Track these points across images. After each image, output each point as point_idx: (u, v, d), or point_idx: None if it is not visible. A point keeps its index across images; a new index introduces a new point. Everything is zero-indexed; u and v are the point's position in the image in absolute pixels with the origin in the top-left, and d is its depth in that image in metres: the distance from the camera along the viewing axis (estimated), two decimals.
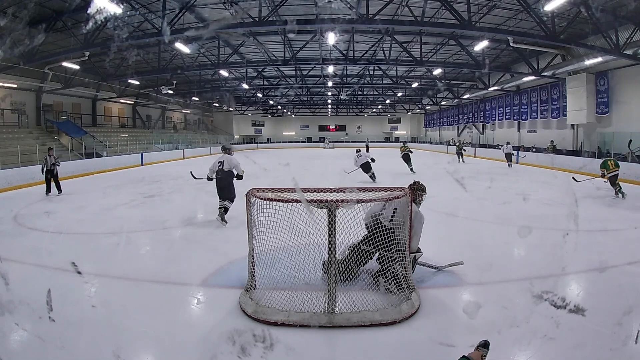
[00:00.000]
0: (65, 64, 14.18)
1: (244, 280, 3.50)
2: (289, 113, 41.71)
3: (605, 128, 15.01)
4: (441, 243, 4.92)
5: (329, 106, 38.14)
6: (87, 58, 13.37)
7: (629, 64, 13.05)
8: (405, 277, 3.27)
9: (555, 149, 17.11)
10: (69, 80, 17.44)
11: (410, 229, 3.49)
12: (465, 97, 25.95)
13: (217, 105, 34.73)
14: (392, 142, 39.48)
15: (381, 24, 11.23)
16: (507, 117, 23.30)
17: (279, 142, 41.68)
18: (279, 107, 37.28)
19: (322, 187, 3.58)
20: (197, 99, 27.43)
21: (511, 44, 13.14)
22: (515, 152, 17.97)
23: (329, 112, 41.63)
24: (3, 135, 14.86)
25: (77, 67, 14.79)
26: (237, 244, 4.64)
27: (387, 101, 33.10)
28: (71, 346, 2.61)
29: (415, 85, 22.34)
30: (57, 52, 13.10)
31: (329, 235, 2.98)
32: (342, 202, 3.00)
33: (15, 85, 16.42)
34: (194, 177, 7.34)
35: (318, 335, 2.77)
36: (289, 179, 11.20)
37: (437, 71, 19.72)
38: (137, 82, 19.46)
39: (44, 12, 11.13)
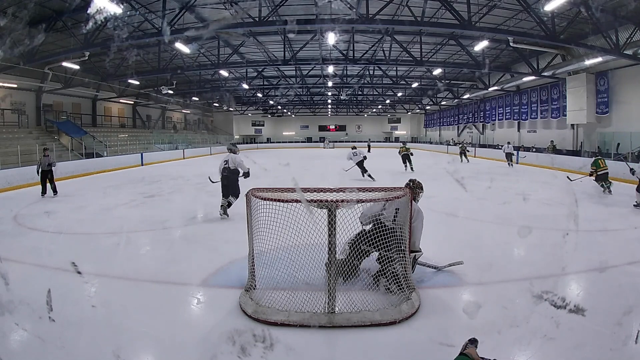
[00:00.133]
0: (65, 64, 14.17)
1: (244, 280, 3.50)
2: (289, 113, 41.70)
3: (605, 128, 15.01)
4: (441, 243, 4.92)
5: (329, 106, 38.12)
6: (87, 58, 13.37)
7: (629, 64, 13.05)
8: (405, 277, 3.27)
9: (555, 149, 17.12)
10: (69, 80, 17.44)
11: (411, 228, 3.49)
12: (465, 97, 25.95)
13: (217, 105, 34.71)
14: (392, 142, 39.48)
15: (381, 24, 11.23)
16: (507, 117, 23.30)
17: (279, 142, 41.69)
18: (279, 107, 37.27)
19: (322, 187, 3.58)
20: (197, 99, 27.42)
21: (511, 44, 13.14)
22: (516, 152, 17.99)
23: (329, 112, 41.62)
24: (3, 135, 14.86)
25: (77, 67, 14.79)
26: (237, 244, 4.64)
27: (387, 101, 33.10)
28: (71, 346, 2.61)
29: (415, 85, 22.34)
30: (57, 52, 13.10)
31: (329, 235, 2.98)
32: (342, 202, 3.00)
33: (15, 85, 16.43)
34: (212, 182, 7.33)
35: (318, 335, 2.77)
36: (289, 179, 11.19)
37: (437, 71, 19.72)
38: (137, 82, 19.45)
39: (44, 12, 11.13)
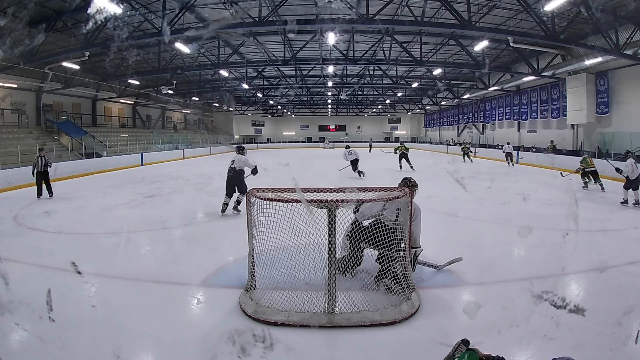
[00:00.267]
0: (65, 64, 14.18)
1: (244, 280, 3.50)
2: (289, 113, 41.69)
3: (605, 128, 15.01)
4: (441, 243, 4.92)
5: (329, 106, 38.13)
6: (87, 58, 13.38)
7: (629, 64, 13.05)
8: (405, 277, 3.28)
9: (555, 149, 17.12)
10: (69, 80, 17.45)
11: (411, 226, 3.49)
12: (465, 97, 25.95)
13: (217, 105, 34.71)
14: (392, 142, 39.48)
15: (381, 24, 11.23)
16: (507, 117, 23.30)
17: (279, 142, 41.68)
18: (279, 107, 37.27)
19: (322, 187, 3.58)
20: (197, 99, 27.43)
21: (511, 44, 13.14)
22: (515, 152, 18.03)
23: (329, 112, 41.62)
24: (3, 135, 14.86)
25: (77, 67, 14.80)
26: (237, 244, 4.64)
27: (387, 101, 33.10)
28: (71, 346, 2.61)
29: (415, 85, 22.35)
30: (57, 52, 13.11)
31: (329, 235, 2.98)
32: (342, 202, 3.00)
33: (15, 85, 16.43)
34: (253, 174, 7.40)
35: (318, 335, 2.77)
36: (289, 179, 11.19)
37: (437, 71, 19.72)
38: (137, 82, 19.46)
39: (44, 12, 11.13)
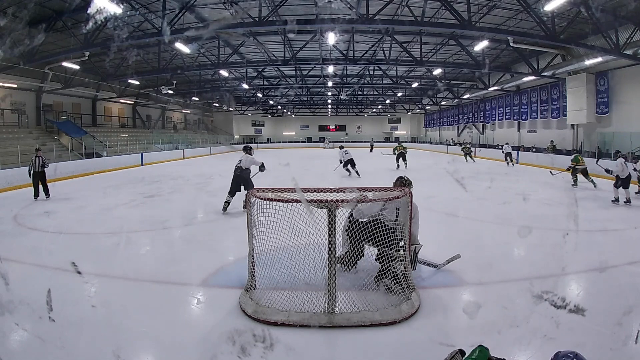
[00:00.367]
0: (65, 64, 14.18)
1: (244, 280, 3.49)
2: (289, 113, 41.69)
3: (605, 128, 15.01)
4: (441, 243, 4.92)
5: (329, 106, 38.11)
6: (87, 58, 13.37)
7: (629, 64, 13.05)
8: (405, 277, 3.28)
9: (555, 149, 17.12)
10: (69, 80, 17.44)
11: (411, 225, 3.48)
12: (465, 97, 25.95)
13: (217, 105, 34.71)
14: (391, 142, 39.48)
15: (381, 24, 11.23)
16: (507, 117, 23.30)
17: (279, 142, 41.67)
18: (279, 107, 37.26)
19: (322, 187, 3.58)
20: (197, 99, 27.42)
21: (511, 44, 13.14)
22: (515, 151, 18.08)
23: (329, 112, 41.60)
24: (3, 135, 14.85)
25: (77, 67, 14.79)
26: (237, 244, 4.64)
27: (387, 101, 33.10)
28: (71, 346, 2.61)
29: (415, 85, 22.34)
30: (57, 52, 13.10)
31: (329, 235, 2.98)
32: (342, 202, 3.00)
33: (15, 85, 16.42)
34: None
35: (318, 335, 2.77)
36: (289, 179, 11.19)
37: (437, 71, 19.72)
38: (137, 82, 19.46)
39: (44, 12, 11.13)
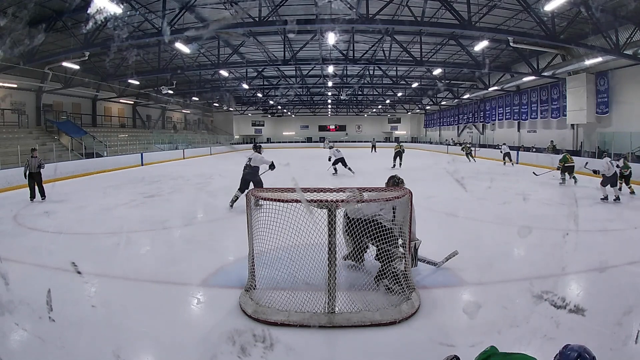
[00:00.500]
0: (65, 64, 14.17)
1: (244, 280, 3.49)
2: (289, 113, 41.68)
3: (605, 128, 15.01)
4: (441, 243, 4.92)
5: (329, 106, 38.09)
6: (87, 58, 13.37)
7: (629, 64, 13.05)
8: (405, 277, 3.28)
9: (555, 149, 17.10)
10: (69, 80, 17.44)
11: (410, 224, 3.47)
12: (465, 97, 25.94)
13: (217, 105, 34.71)
14: (391, 142, 39.52)
15: (381, 24, 11.22)
16: (507, 117, 23.30)
17: (279, 142, 41.66)
18: (279, 107, 37.25)
19: (322, 187, 3.58)
20: (197, 99, 27.41)
21: (511, 44, 13.14)
22: (515, 151, 18.13)
23: (329, 112, 41.58)
24: (3, 135, 14.85)
25: (77, 67, 14.79)
26: (237, 244, 4.64)
27: (387, 101, 33.09)
28: (71, 346, 2.61)
29: (415, 85, 22.34)
30: (57, 52, 13.10)
31: (329, 235, 2.98)
32: (342, 202, 3.00)
33: (15, 85, 16.42)
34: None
35: (318, 335, 2.77)
36: (289, 179, 11.18)
37: (437, 71, 19.71)
38: (137, 82, 19.45)
39: (44, 12, 11.13)
